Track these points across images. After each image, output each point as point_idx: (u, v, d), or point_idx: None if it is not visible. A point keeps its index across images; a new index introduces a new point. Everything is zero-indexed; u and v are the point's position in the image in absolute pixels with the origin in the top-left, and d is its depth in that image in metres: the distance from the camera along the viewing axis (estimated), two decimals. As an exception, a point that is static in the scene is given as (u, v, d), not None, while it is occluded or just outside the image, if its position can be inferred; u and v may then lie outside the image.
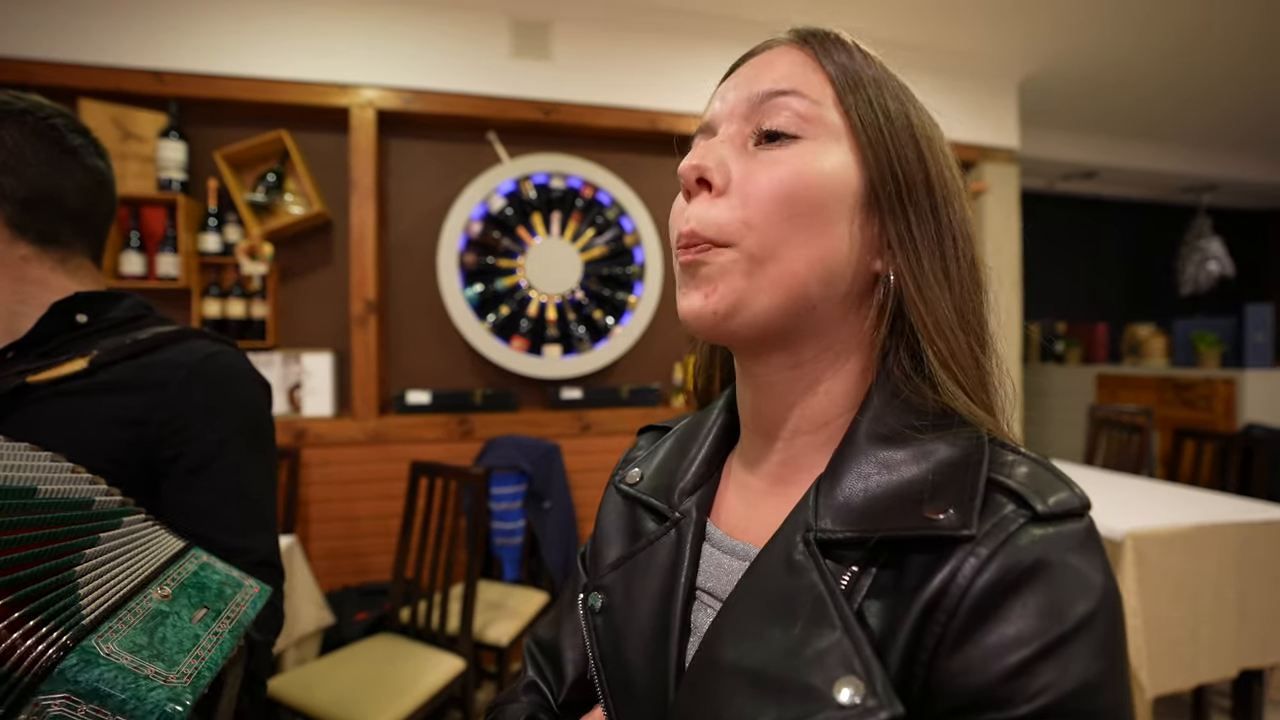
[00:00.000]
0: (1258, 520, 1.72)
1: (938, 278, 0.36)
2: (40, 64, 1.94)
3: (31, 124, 0.65)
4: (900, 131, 0.37)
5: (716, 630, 0.35)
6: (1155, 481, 2.25)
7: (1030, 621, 0.28)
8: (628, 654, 0.40)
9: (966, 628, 0.29)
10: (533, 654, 0.51)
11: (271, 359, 2.16)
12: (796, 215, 0.35)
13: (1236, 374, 3.14)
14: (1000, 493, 0.31)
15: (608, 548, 0.45)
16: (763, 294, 0.35)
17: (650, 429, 0.53)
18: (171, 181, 2.03)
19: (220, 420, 0.65)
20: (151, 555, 0.42)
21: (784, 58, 0.39)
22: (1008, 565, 0.29)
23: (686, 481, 0.43)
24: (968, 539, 0.30)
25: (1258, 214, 5.40)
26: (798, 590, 0.32)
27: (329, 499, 2.13)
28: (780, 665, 0.30)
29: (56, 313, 0.64)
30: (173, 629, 0.37)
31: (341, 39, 2.15)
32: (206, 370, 0.65)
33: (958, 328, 0.36)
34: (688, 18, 2.45)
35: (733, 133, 0.38)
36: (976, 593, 0.29)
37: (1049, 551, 0.29)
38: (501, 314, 2.35)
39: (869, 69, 0.39)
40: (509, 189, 2.37)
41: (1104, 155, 3.93)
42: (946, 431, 0.34)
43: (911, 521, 0.31)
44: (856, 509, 0.33)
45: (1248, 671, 1.74)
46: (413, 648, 1.61)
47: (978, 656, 0.28)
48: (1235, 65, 2.95)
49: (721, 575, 0.39)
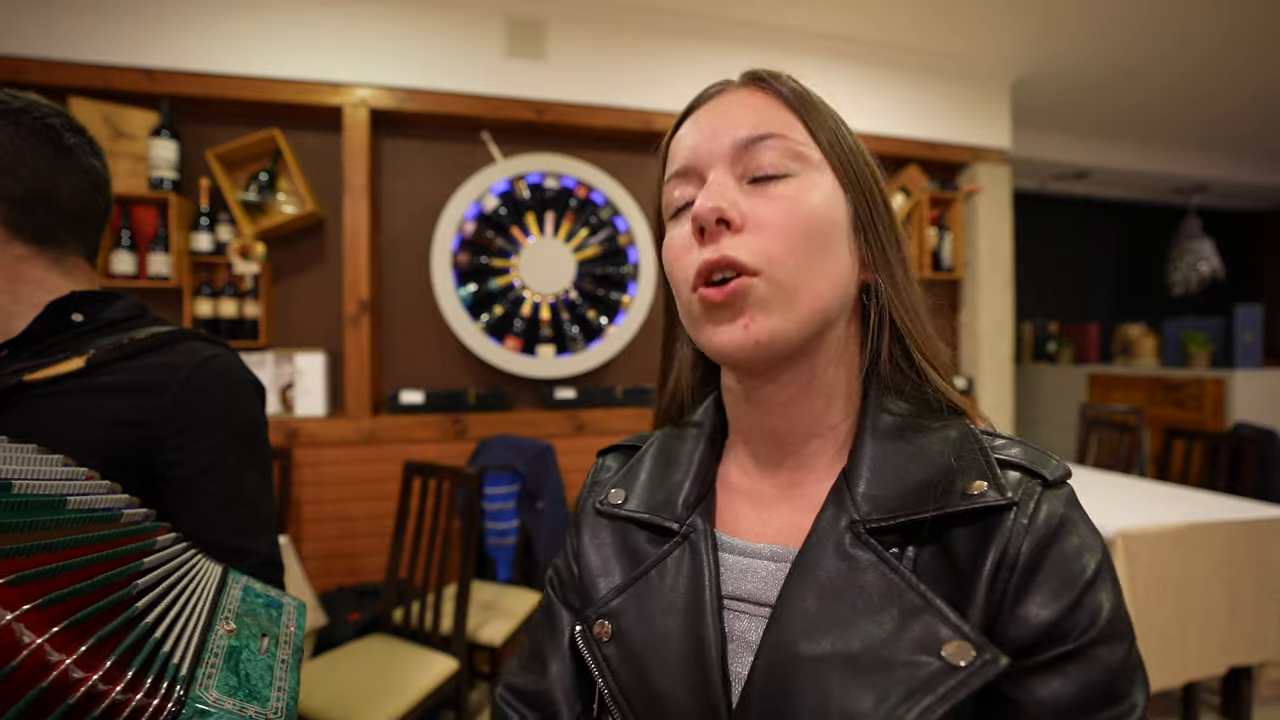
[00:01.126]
0: (1247, 519, 1.74)
1: (904, 280, 0.42)
2: (31, 61, 1.92)
3: (28, 123, 0.65)
4: (859, 158, 0.42)
5: (783, 625, 0.36)
6: (1145, 480, 2.27)
7: (1064, 571, 0.34)
8: (654, 678, 0.39)
9: (1022, 584, 0.34)
10: (513, 707, 0.47)
11: (264, 359, 2.15)
12: (810, 243, 0.38)
13: (1226, 374, 3.17)
14: (1009, 468, 0.37)
15: (602, 574, 0.44)
16: (796, 320, 0.38)
17: (614, 449, 0.53)
18: (163, 180, 2.02)
19: (219, 423, 0.65)
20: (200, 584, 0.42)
21: (751, 101, 0.42)
22: (1044, 523, 0.35)
23: (688, 495, 0.44)
24: (1010, 505, 0.35)
25: (1248, 215, 5.45)
26: (862, 578, 0.35)
27: (322, 499, 2.12)
28: (874, 646, 0.33)
29: (52, 312, 0.64)
30: (250, 664, 0.38)
31: (335, 38, 2.15)
32: (205, 373, 0.66)
33: (926, 322, 0.42)
34: (682, 18, 2.45)
35: (721, 178, 0.40)
36: (1025, 553, 0.34)
37: (1065, 508, 0.36)
38: (495, 314, 2.35)
39: (820, 103, 0.43)
40: (503, 189, 2.37)
41: (1096, 156, 3.96)
42: (939, 419, 0.40)
43: (956, 499, 0.35)
44: (893, 497, 0.37)
45: (1236, 669, 1.75)
46: (406, 648, 1.61)
47: (1033, 608, 0.34)
48: (1226, 67, 2.98)
49: (751, 579, 0.40)
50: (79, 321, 0.65)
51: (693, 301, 0.40)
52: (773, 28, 2.55)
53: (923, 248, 2.81)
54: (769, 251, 0.37)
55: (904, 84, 2.77)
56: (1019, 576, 0.34)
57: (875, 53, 2.71)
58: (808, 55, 2.63)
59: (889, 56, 2.73)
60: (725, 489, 0.45)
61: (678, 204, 0.42)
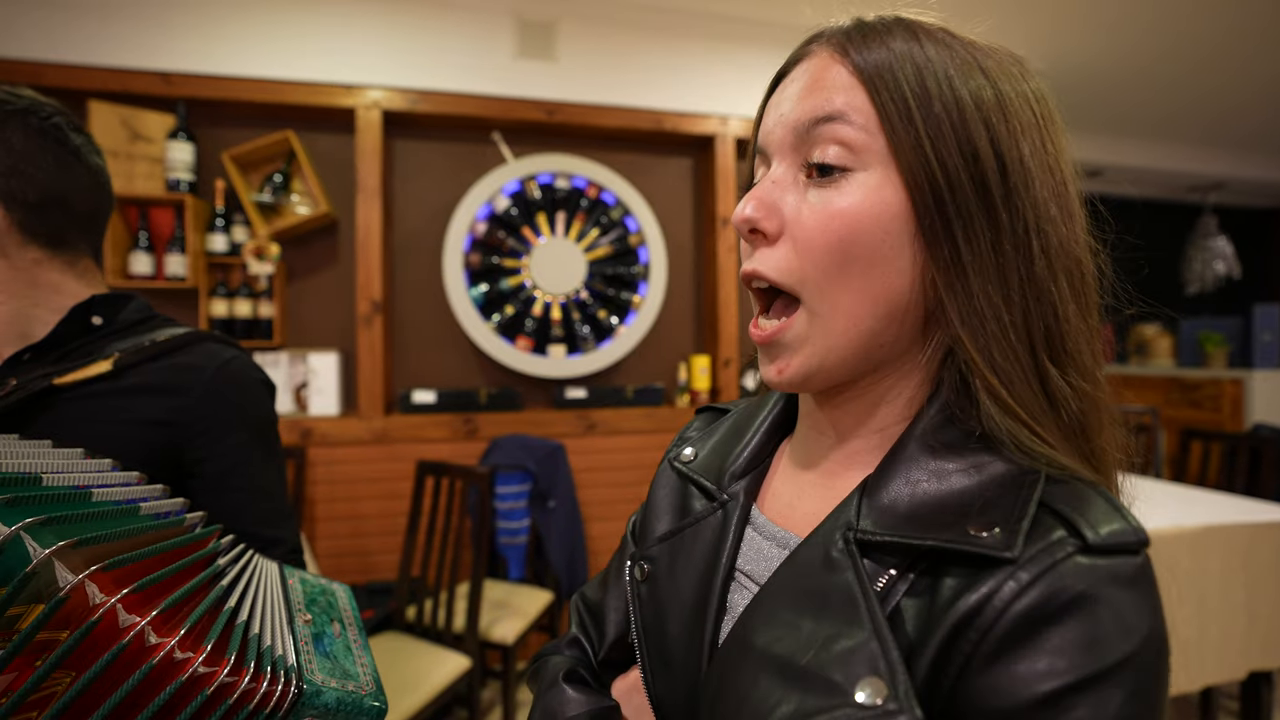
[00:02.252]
0: (1265, 521, 1.71)
1: (989, 297, 0.33)
2: (50, 66, 1.95)
3: (36, 124, 0.65)
4: (950, 133, 0.33)
5: (750, 614, 0.36)
6: (1162, 482, 2.24)
7: (1067, 654, 0.27)
8: (668, 625, 0.42)
9: (999, 650, 0.28)
10: (579, 611, 0.53)
11: (278, 358, 2.17)
12: (851, 261, 0.34)
13: (1244, 374, 3.12)
14: (1052, 516, 0.30)
15: (657, 521, 0.47)
16: (834, 352, 0.35)
17: (708, 409, 0.55)
18: (179, 182, 2.05)
19: (242, 422, 0.68)
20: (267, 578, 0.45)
21: (827, 72, 0.36)
22: (1050, 593, 0.28)
23: (738, 465, 0.45)
24: (1009, 561, 0.29)
25: (1265, 213, 5.37)
26: (832, 586, 0.32)
27: (335, 498, 2.14)
28: (806, 657, 0.31)
29: (74, 316, 0.65)
30: (332, 647, 0.41)
31: (347, 40, 2.16)
32: (227, 375, 0.68)
33: (1021, 350, 0.33)
34: (693, 18, 2.45)
35: (782, 172, 0.37)
36: (1013, 616, 0.28)
37: (1096, 585, 0.28)
38: (506, 314, 2.35)
39: (912, 63, 0.34)
40: (514, 189, 2.38)
41: (1109, 154, 3.92)
42: (998, 449, 0.33)
43: (952, 534, 0.30)
44: (901, 514, 0.33)
45: (1256, 674, 1.73)
46: (419, 646, 1.62)
47: (1007, 681, 0.27)
48: (1241, 63, 2.94)
49: (761, 560, 0.41)
50: (98, 325, 0.66)
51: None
52: (785, 26, 2.54)
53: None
54: (802, 270, 0.35)
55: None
56: (997, 638, 0.28)
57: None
58: (818, 54, 2.62)
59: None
60: (776, 465, 0.46)
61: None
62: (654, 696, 0.42)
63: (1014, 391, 0.33)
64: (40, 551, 0.33)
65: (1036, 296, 0.33)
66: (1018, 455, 0.32)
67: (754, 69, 2.52)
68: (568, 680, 0.46)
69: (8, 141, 0.64)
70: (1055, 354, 0.34)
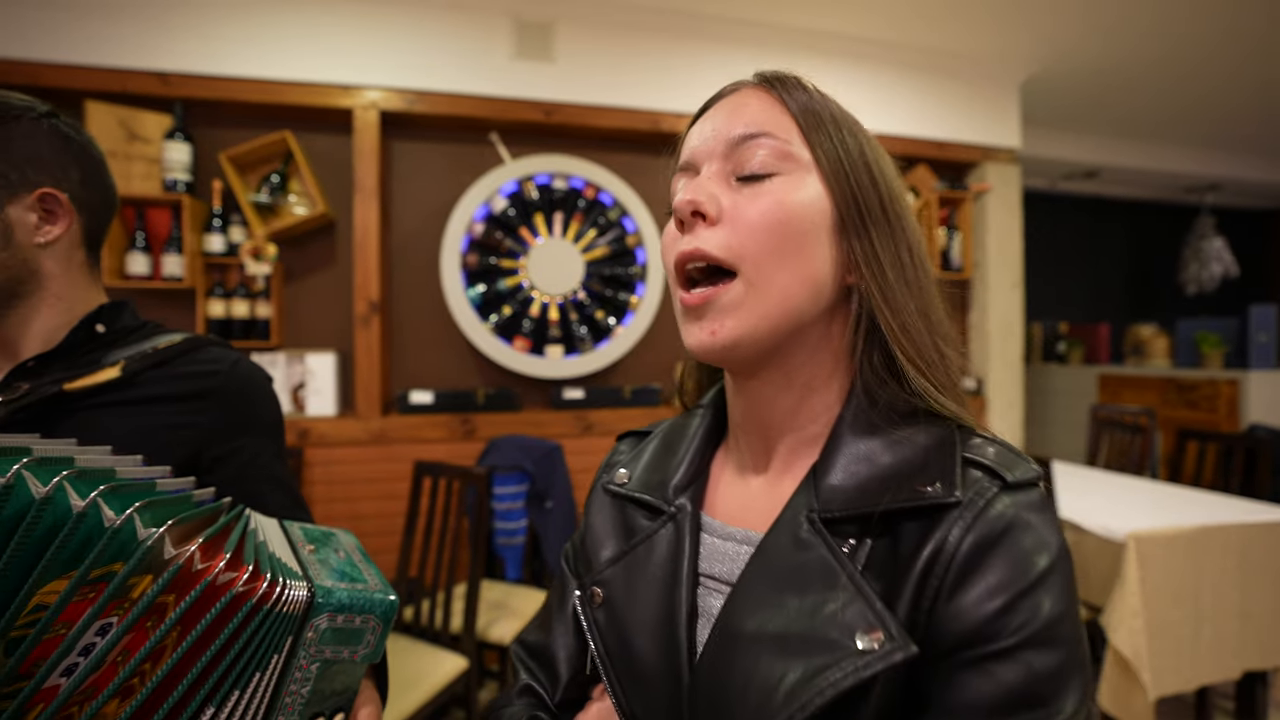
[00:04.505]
0: (1261, 521, 1.72)
1: (900, 286, 0.41)
2: (47, 66, 1.95)
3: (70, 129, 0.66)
4: (857, 162, 0.42)
5: (733, 606, 0.39)
6: (1158, 482, 2.25)
7: (1007, 572, 0.34)
8: (634, 642, 0.43)
9: (958, 581, 0.35)
10: (523, 660, 0.52)
11: (275, 359, 2.17)
12: (784, 241, 0.40)
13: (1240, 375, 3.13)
14: (975, 468, 0.38)
15: (601, 547, 0.48)
16: (766, 320, 0.40)
17: (630, 435, 0.57)
18: (176, 182, 2.04)
19: (257, 421, 0.70)
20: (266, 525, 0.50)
21: (753, 101, 0.43)
22: (987, 526, 0.35)
23: (679, 478, 0.47)
24: (955, 504, 0.36)
25: (1261, 214, 5.38)
26: (808, 563, 0.37)
27: (332, 499, 2.14)
28: (802, 627, 0.35)
29: (85, 324, 0.66)
30: (337, 564, 0.47)
31: (345, 40, 2.16)
32: (238, 376, 0.70)
33: (922, 328, 0.41)
34: (690, 19, 2.46)
35: (715, 171, 0.42)
36: (965, 551, 0.35)
37: (1018, 513, 0.36)
38: (504, 314, 2.36)
39: (827, 107, 0.44)
40: (511, 190, 2.38)
41: (1106, 155, 3.93)
42: (920, 424, 0.40)
43: (904, 495, 0.37)
44: (852, 491, 0.38)
45: (1251, 673, 1.74)
46: (416, 646, 1.62)
47: (968, 603, 0.34)
48: (1238, 66, 2.95)
49: (725, 560, 0.43)
50: (101, 332, 0.67)
51: (677, 302, 0.43)
52: (782, 28, 2.55)
53: (931, 248, 2.80)
54: (742, 247, 0.40)
55: (913, 83, 2.76)
56: (955, 572, 0.35)
57: (884, 52, 2.70)
58: (817, 55, 2.62)
59: (898, 56, 2.72)
60: (717, 474, 0.49)
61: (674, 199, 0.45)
62: (629, 716, 0.43)
63: (924, 358, 0.41)
64: (147, 531, 0.39)
65: (922, 290, 0.42)
66: (930, 418, 0.40)
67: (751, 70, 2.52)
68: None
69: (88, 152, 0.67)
70: (936, 332, 0.42)
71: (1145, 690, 1.53)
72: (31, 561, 0.38)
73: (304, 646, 0.43)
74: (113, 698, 0.39)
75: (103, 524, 0.39)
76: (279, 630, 0.42)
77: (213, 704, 0.41)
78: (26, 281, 0.63)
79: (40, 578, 0.38)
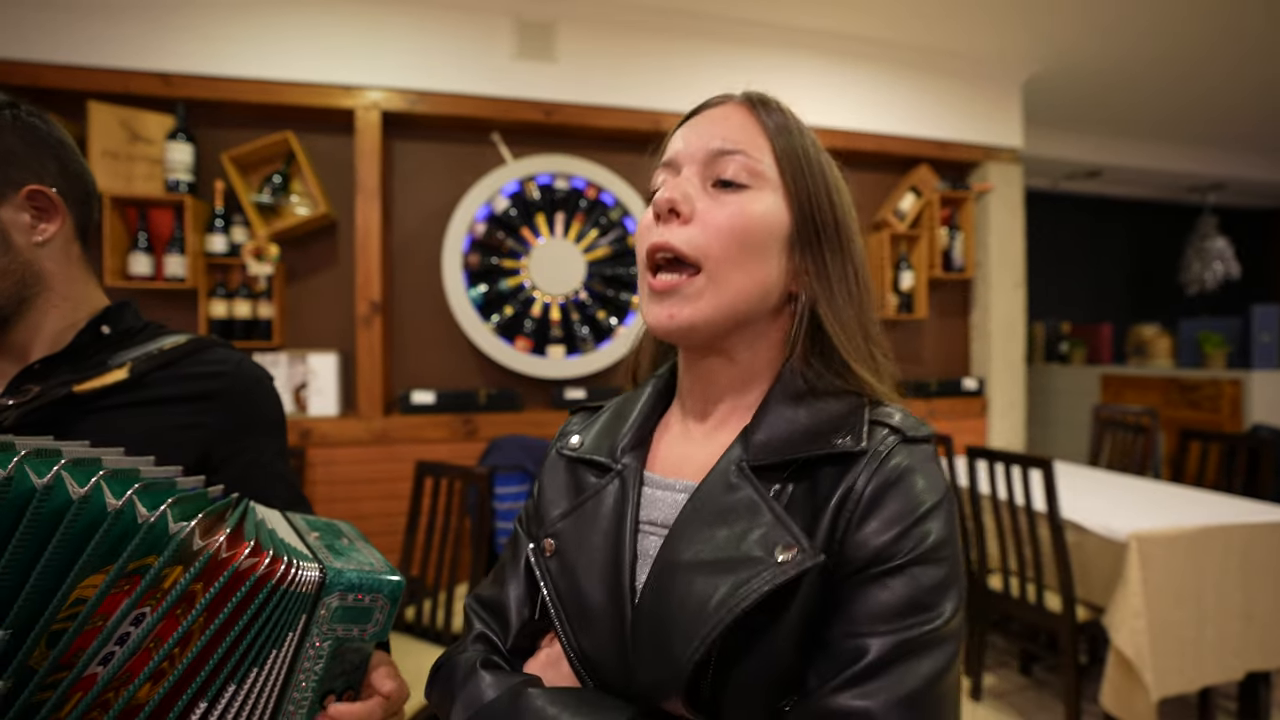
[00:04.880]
0: (1263, 522, 1.71)
1: (844, 297, 0.49)
2: (50, 67, 1.95)
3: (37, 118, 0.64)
4: (820, 188, 0.49)
5: (672, 541, 0.46)
6: (1160, 482, 2.25)
7: (900, 507, 0.42)
8: (583, 585, 0.49)
9: (863, 516, 0.43)
10: (476, 611, 0.57)
11: (277, 359, 2.17)
12: (743, 247, 0.46)
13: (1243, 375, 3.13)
14: (880, 426, 0.46)
15: (553, 505, 0.54)
16: (719, 311, 0.47)
17: (582, 408, 0.63)
18: (179, 183, 2.05)
19: (263, 419, 0.72)
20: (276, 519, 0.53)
21: (735, 117, 0.49)
22: (887, 473, 0.43)
23: (626, 441, 0.53)
24: (862, 453, 0.44)
25: (1265, 213, 5.37)
26: (736, 501, 0.45)
27: (334, 498, 2.14)
28: (729, 550, 0.43)
29: (91, 326, 0.65)
30: (345, 549, 0.50)
31: (347, 41, 2.17)
32: (243, 376, 0.71)
33: (857, 332, 0.49)
34: (691, 19, 2.46)
35: (693, 174, 0.48)
36: (869, 493, 0.43)
37: (913, 460, 0.44)
38: (505, 314, 2.36)
39: (801, 135, 0.50)
40: (513, 190, 2.38)
41: (1108, 155, 3.92)
42: (837, 392, 0.48)
43: (820, 445, 0.45)
44: (778, 444, 0.46)
45: (1254, 674, 1.73)
46: (418, 646, 1.62)
47: (870, 532, 0.42)
48: (1239, 64, 2.94)
49: (663, 507, 0.50)
50: (107, 334, 0.67)
51: (644, 283, 0.49)
52: (783, 28, 2.55)
53: (934, 247, 2.79)
54: (707, 246, 0.46)
55: (915, 83, 2.76)
56: (862, 508, 0.43)
57: (886, 52, 2.70)
58: (819, 55, 2.62)
59: (900, 56, 2.72)
60: (662, 435, 0.55)
61: (654, 190, 0.50)
62: (578, 653, 0.48)
63: (856, 352, 0.49)
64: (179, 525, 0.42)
65: (862, 304, 0.50)
66: (851, 394, 0.48)
67: (752, 70, 2.52)
68: (484, 667, 0.50)
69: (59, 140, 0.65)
70: (868, 336, 0.50)
71: (1148, 691, 1.53)
72: (70, 557, 0.40)
73: (316, 624, 0.45)
74: (145, 682, 0.42)
75: (136, 520, 0.41)
76: (294, 608, 0.45)
77: (234, 681, 0.43)
78: (32, 285, 0.63)
79: (80, 572, 0.40)
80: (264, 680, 0.44)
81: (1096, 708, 1.87)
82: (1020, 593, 1.91)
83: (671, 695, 0.42)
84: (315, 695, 0.47)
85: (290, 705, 0.46)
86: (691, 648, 0.41)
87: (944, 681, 0.40)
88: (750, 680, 0.42)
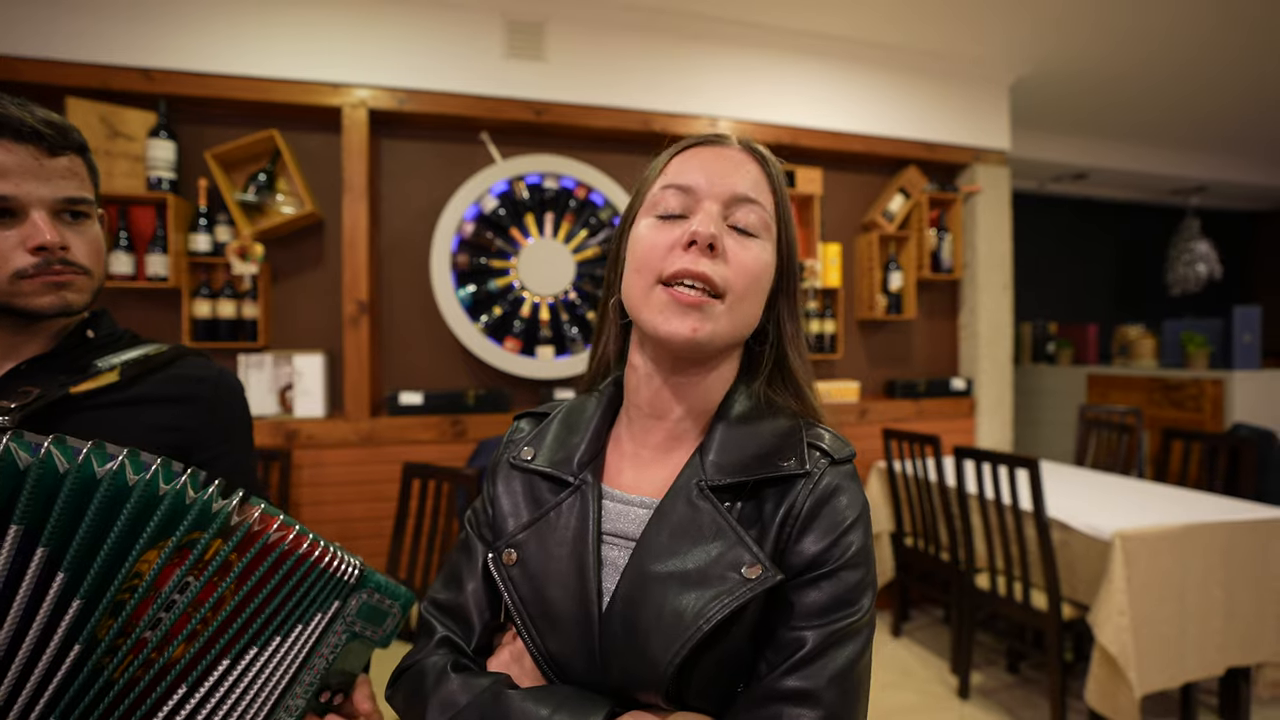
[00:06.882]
0: (1244, 520, 1.74)
1: (795, 329, 0.59)
2: (27, 61, 1.92)
3: None
4: (793, 237, 0.58)
5: (641, 554, 0.51)
6: (1144, 481, 2.27)
7: (831, 519, 0.51)
8: (547, 592, 0.52)
9: (801, 530, 0.50)
10: (435, 616, 0.59)
11: (263, 360, 2.15)
12: (754, 285, 0.54)
13: (1225, 375, 3.17)
14: (814, 449, 0.53)
15: (511, 516, 0.57)
16: (729, 332, 0.53)
17: (527, 414, 0.66)
18: (161, 181, 2.02)
19: (239, 426, 0.77)
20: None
21: (748, 166, 0.56)
22: (820, 490, 0.51)
23: (582, 454, 0.57)
24: (804, 474, 0.52)
25: (1246, 216, 5.45)
26: (701, 520, 0.51)
27: (321, 500, 2.12)
28: (701, 566, 0.49)
29: (77, 330, 0.69)
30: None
31: (334, 38, 2.14)
32: (221, 386, 0.76)
33: (801, 357, 0.59)
34: (680, 19, 2.45)
35: (717, 213, 0.53)
36: (806, 510, 0.51)
37: (839, 480, 0.52)
38: (494, 315, 2.34)
39: (784, 189, 0.58)
40: (502, 189, 2.37)
41: (1094, 157, 3.96)
42: (777, 415, 0.56)
43: (768, 468, 0.52)
44: (730, 466, 0.52)
45: (1235, 670, 1.76)
46: (404, 649, 1.60)
47: (806, 544, 0.50)
48: (1224, 68, 2.98)
49: (625, 520, 0.54)
50: (91, 338, 0.70)
51: (657, 292, 0.52)
52: (772, 29, 2.55)
53: (922, 249, 2.81)
54: (735, 280, 0.52)
55: (903, 85, 2.77)
56: (800, 523, 0.50)
57: (875, 54, 2.71)
58: (808, 57, 2.63)
59: (888, 58, 2.73)
60: (614, 449, 0.59)
61: (669, 209, 0.54)
62: (544, 654, 0.52)
63: (805, 376, 0.58)
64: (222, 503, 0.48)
65: (803, 338, 0.59)
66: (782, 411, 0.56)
67: (742, 71, 2.52)
68: (456, 670, 0.53)
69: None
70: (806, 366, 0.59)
71: (1132, 688, 1.55)
72: (131, 534, 0.46)
73: (343, 615, 0.51)
74: (183, 642, 0.48)
75: (185, 501, 0.47)
76: (329, 592, 0.50)
77: (256, 644, 0.49)
78: None
79: (142, 549, 0.46)
80: (285, 651, 0.49)
81: (1082, 704, 1.89)
82: (1007, 591, 1.93)
83: (651, 691, 0.48)
84: (319, 685, 0.51)
85: (299, 688, 0.50)
86: (673, 651, 0.46)
87: (863, 660, 0.49)
88: (713, 671, 0.48)
